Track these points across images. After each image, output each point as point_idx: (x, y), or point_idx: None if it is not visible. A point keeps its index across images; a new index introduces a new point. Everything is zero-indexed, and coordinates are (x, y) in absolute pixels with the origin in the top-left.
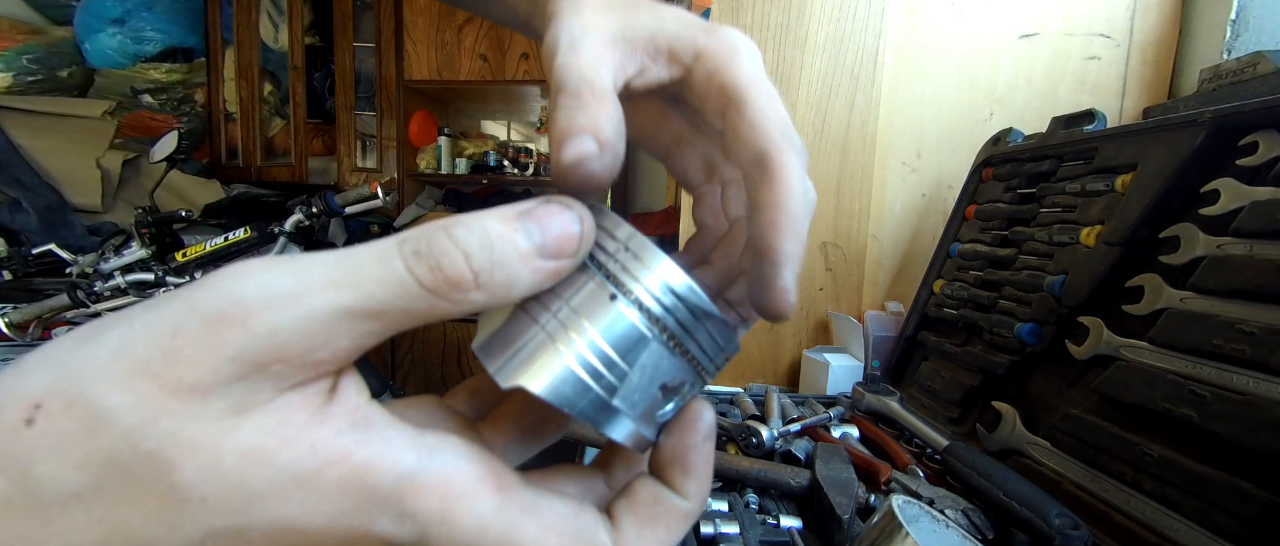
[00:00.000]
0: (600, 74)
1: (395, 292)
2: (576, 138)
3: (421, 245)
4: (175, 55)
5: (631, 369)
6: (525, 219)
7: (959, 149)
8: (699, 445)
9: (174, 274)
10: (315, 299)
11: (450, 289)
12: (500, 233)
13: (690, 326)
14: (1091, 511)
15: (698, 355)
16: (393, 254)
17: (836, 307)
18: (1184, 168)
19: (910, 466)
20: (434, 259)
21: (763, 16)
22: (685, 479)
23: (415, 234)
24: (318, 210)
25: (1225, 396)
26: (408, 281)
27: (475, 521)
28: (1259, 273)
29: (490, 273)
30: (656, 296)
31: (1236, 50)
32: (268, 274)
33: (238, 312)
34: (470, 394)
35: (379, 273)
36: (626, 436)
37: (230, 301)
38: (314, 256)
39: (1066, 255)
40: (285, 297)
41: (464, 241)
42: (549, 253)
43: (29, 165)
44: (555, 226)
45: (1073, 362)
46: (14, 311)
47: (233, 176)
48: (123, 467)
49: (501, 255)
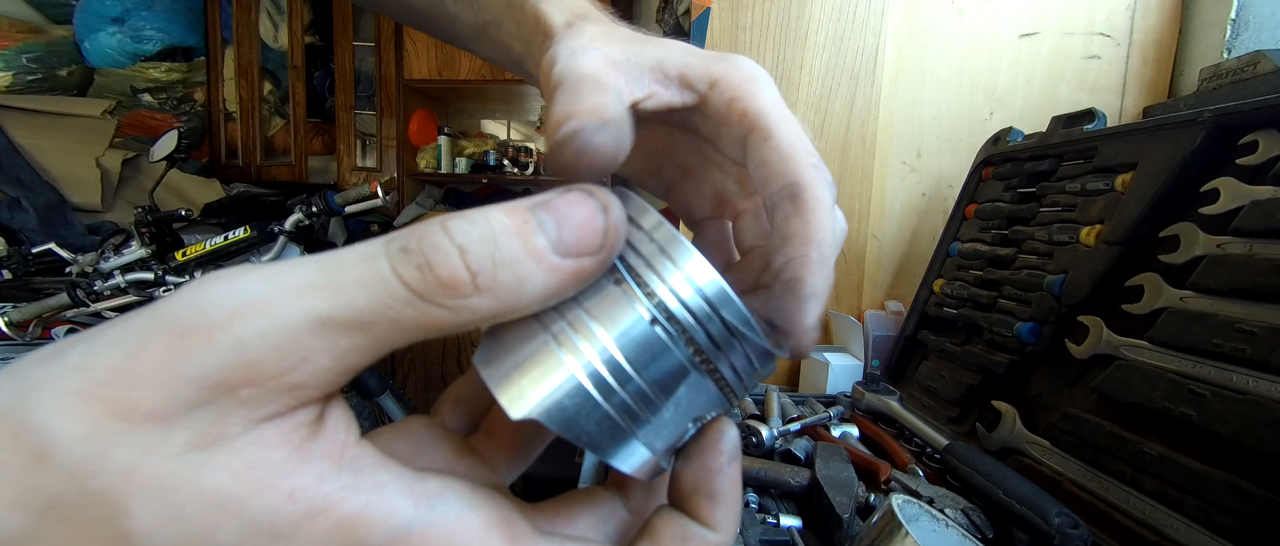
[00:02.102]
0: (604, 74)
1: (380, 298)
2: (573, 119)
3: (410, 241)
4: (175, 54)
5: (648, 386)
6: (539, 209)
7: (959, 148)
8: (724, 468)
9: (174, 273)
10: (287, 307)
11: (443, 293)
12: (506, 225)
13: (721, 339)
14: (1091, 510)
15: (727, 373)
16: (378, 252)
17: (836, 307)
18: (1184, 167)
19: (910, 465)
20: (423, 256)
21: (763, 16)
22: (712, 508)
23: (408, 229)
24: (317, 209)
25: (1225, 395)
26: (393, 284)
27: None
28: (1259, 272)
29: (493, 273)
30: (684, 300)
31: (1236, 49)
32: (239, 280)
33: (202, 324)
34: (455, 403)
35: (361, 275)
36: (638, 468)
37: (195, 312)
38: (298, 260)
39: (1066, 254)
40: (254, 307)
41: (461, 236)
42: (568, 250)
43: (29, 164)
44: (576, 217)
45: (1072, 362)
46: (14, 310)
47: (232, 176)
48: (66, 509)
49: (508, 252)
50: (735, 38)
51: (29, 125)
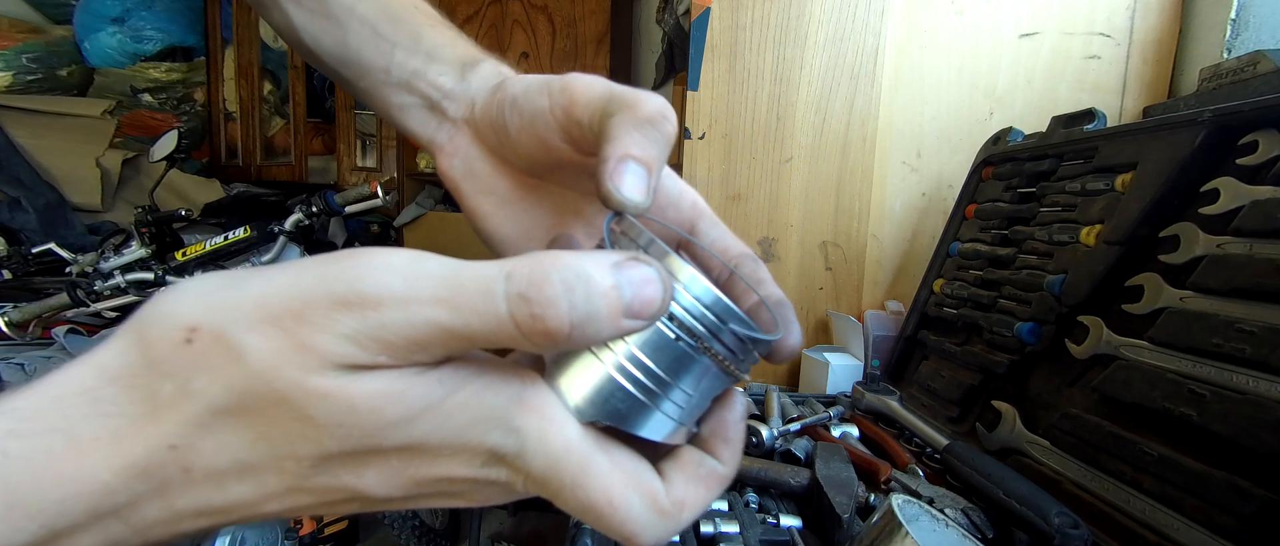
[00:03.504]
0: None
1: (490, 326)
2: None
3: (529, 290)
4: (175, 54)
5: (663, 372)
6: (623, 282)
7: (959, 148)
8: (736, 422)
9: (174, 273)
10: (419, 311)
11: (544, 338)
12: (603, 290)
13: (716, 329)
14: (1091, 510)
15: (723, 354)
16: (498, 292)
17: (836, 307)
18: (1184, 167)
19: (910, 465)
20: (540, 308)
21: (763, 16)
22: (724, 448)
23: (524, 272)
24: (317, 209)
25: (1225, 395)
26: (505, 321)
27: (563, 443)
28: (1259, 271)
29: (583, 327)
30: (685, 304)
31: (1237, 49)
32: (387, 273)
33: (356, 301)
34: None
35: (480, 306)
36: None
37: (353, 290)
38: (429, 264)
39: (1066, 254)
40: (395, 302)
41: (569, 294)
42: (634, 314)
43: (29, 164)
44: (646, 290)
45: (1072, 362)
46: (14, 310)
47: (232, 175)
48: (260, 397)
49: (596, 310)
50: (735, 38)
51: (29, 125)
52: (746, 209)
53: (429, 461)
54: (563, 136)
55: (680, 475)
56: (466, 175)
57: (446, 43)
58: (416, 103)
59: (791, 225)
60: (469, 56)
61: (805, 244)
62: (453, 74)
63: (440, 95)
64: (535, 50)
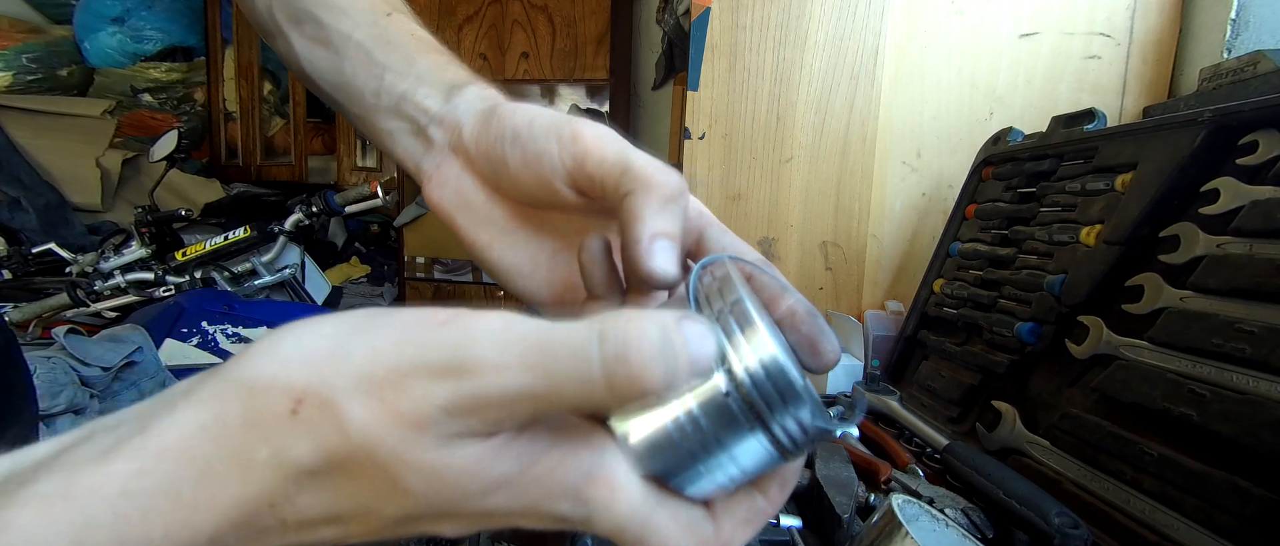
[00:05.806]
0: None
1: (581, 391)
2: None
3: (630, 352)
4: (175, 54)
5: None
6: (683, 331)
7: (959, 148)
8: (795, 467)
9: (173, 273)
10: (511, 378)
11: (634, 401)
12: (676, 349)
13: (777, 407)
14: (1091, 510)
15: (781, 436)
16: (593, 355)
17: (836, 307)
18: (1184, 167)
19: (910, 465)
20: (639, 376)
21: (763, 16)
22: (777, 490)
23: (618, 335)
24: (317, 209)
25: (1225, 395)
26: (599, 385)
27: (628, 507)
28: (1259, 272)
29: (659, 388)
30: (750, 372)
31: (1237, 49)
32: (484, 338)
33: (452, 370)
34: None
35: (572, 370)
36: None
37: (450, 359)
38: (521, 328)
39: (1066, 254)
40: (488, 369)
41: (658, 360)
42: (695, 372)
43: (29, 164)
44: (703, 349)
45: (1072, 362)
46: (14, 310)
47: (232, 175)
48: (357, 463)
49: (674, 372)
50: (735, 38)
51: (29, 125)
52: (746, 209)
53: (502, 520)
54: (568, 182)
55: (729, 520)
56: (460, 206)
57: (436, 67)
58: (404, 127)
59: (791, 225)
60: (456, 79)
61: (805, 244)
62: (438, 96)
63: (427, 120)
64: (535, 50)
